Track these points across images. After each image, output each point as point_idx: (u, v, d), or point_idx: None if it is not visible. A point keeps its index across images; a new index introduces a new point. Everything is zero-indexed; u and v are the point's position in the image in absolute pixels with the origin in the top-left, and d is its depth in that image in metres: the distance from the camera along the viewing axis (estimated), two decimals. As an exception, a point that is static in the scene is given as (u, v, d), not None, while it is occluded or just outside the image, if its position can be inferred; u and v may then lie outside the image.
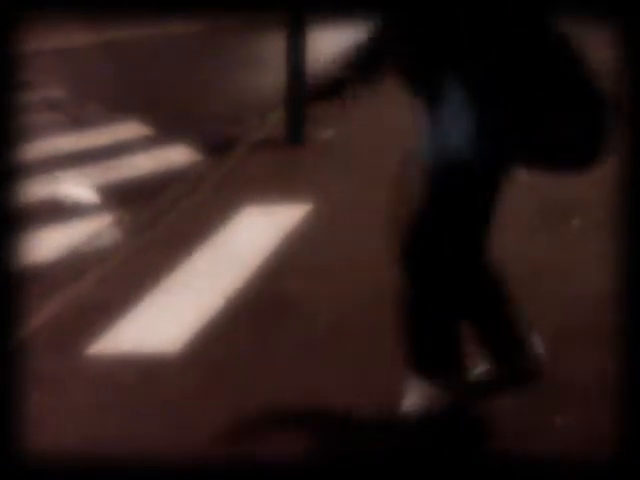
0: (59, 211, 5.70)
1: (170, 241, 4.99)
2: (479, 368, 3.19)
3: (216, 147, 6.86)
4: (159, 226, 5.29)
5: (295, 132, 6.70)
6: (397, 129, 4.44)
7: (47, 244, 4.99)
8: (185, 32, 12.34)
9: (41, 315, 4.08)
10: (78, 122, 7.88)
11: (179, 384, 3.47)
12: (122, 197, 5.89)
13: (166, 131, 7.44)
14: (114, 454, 3.03)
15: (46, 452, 2.97)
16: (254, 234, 5.02)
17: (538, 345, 3.19)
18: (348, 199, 5.39)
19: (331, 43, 2.83)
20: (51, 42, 10.80)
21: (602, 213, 4.91)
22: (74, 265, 4.76)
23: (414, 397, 3.03)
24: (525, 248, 4.59)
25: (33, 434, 2.89)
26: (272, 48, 7.87)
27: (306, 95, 6.51)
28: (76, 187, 6.17)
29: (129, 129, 7.65)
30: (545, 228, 4.88)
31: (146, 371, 3.57)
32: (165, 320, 4.04)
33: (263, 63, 9.69)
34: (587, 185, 5.43)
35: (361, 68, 2.89)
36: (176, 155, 6.85)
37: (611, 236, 4.19)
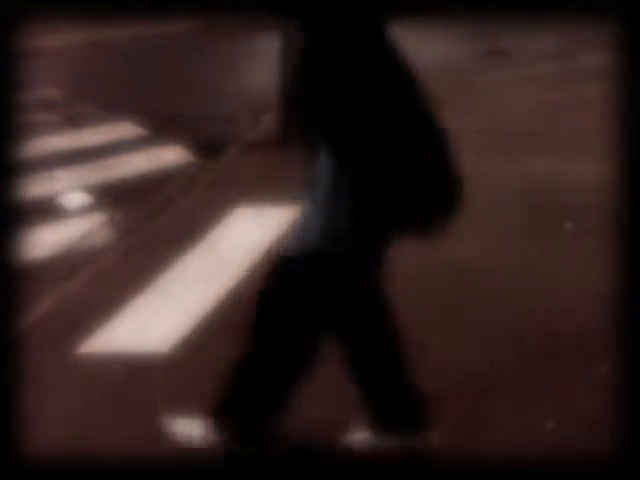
0: (52, 210, 5.70)
1: (162, 241, 4.99)
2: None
3: (209, 147, 6.87)
4: (152, 226, 5.30)
5: (288, 133, 6.70)
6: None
7: (40, 242, 4.98)
8: (179, 32, 12.34)
9: (33, 313, 4.08)
10: (72, 121, 7.88)
11: (170, 384, 3.48)
12: (115, 196, 5.89)
13: (160, 131, 7.44)
14: (104, 453, 3.05)
15: (38, 449, 2.98)
16: (246, 235, 5.03)
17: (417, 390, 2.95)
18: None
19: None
20: (46, 41, 10.80)
21: (595, 217, 4.95)
22: (66, 264, 4.76)
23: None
24: (520, 252, 4.62)
25: (25, 432, 2.90)
26: (266, 49, 7.89)
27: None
28: (70, 186, 6.17)
29: (123, 129, 7.65)
30: (538, 233, 4.90)
31: (137, 370, 3.58)
32: (157, 320, 4.04)
33: (257, 64, 9.69)
34: (580, 191, 5.50)
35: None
36: (170, 155, 6.86)
37: (605, 240, 4.25)
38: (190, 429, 3.05)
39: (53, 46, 11.04)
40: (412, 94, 2.65)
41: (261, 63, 9.26)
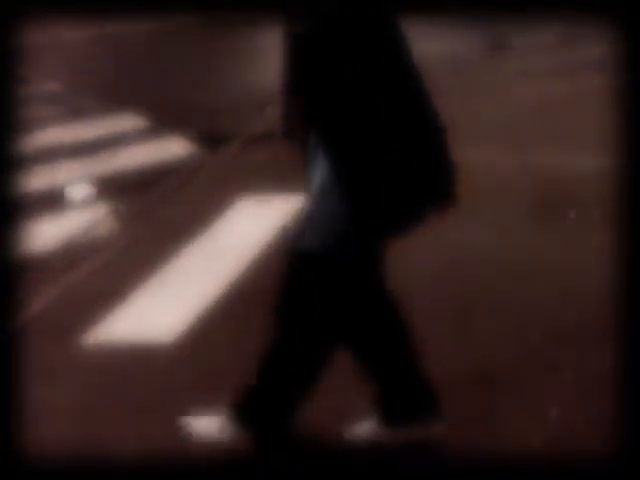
0: (55, 202, 5.71)
1: (166, 232, 5.00)
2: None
3: (212, 140, 6.87)
4: (154, 218, 5.30)
5: (290, 127, 6.71)
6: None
7: (43, 234, 4.99)
8: (183, 25, 12.34)
9: (36, 305, 4.09)
10: (75, 114, 7.89)
11: (174, 374, 3.49)
12: (118, 188, 5.89)
13: (163, 123, 7.45)
14: (107, 444, 3.05)
15: (40, 441, 2.98)
16: (250, 226, 5.03)
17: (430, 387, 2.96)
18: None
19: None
20: (49, 36, 10.80)
21: (598, 209, 4.94)
22: (70, 255, 4.77)
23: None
24: (523, 244, 4.63)
25: (28, 424, 2.91)
26: (270, 42, 7.89)
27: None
28: (73, 178, 6.18)
29: (126, 121, 7.66)
30: (542, 226, 4.90)
31: (141, 361, 3.58)
32: (160, 311, 4.05)
33: (260, 57, 9.70)
34: (583, 182, 5.50)
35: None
36: (173, 147, 6.86)
37: (609, 232, 4.25)
38: (208, 426, 3.01)
39: (56, 40, 11.04)
40: (412, 91, 2.65)
41: (264, 56, 9.26)
